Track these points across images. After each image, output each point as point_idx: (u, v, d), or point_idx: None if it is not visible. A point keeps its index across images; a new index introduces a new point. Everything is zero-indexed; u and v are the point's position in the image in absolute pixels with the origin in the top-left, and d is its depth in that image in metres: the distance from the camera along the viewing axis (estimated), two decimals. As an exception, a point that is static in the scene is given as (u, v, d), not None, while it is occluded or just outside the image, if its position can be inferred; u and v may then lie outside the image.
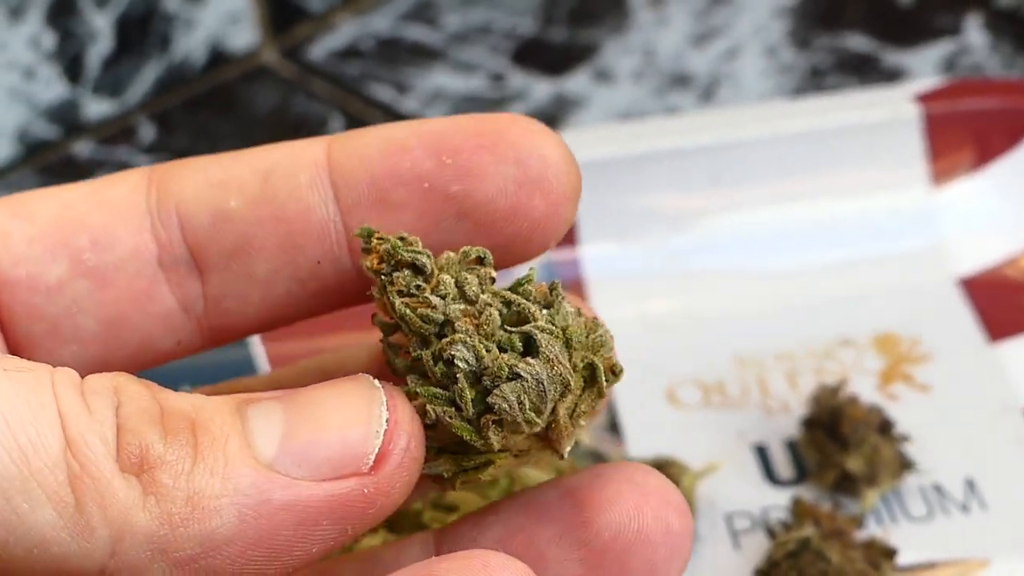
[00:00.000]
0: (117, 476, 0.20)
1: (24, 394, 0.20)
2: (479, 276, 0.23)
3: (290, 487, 0.20)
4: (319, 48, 0.61)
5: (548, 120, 0.55)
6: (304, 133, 0.57)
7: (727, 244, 0.46)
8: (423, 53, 0.60)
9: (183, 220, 0.25)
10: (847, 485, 0.39)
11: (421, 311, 0.22)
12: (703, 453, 0.40)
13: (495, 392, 0.22)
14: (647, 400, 0.42)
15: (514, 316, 0.23)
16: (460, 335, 0.22)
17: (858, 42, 0.58)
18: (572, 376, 0.22)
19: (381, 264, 0.23)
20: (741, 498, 0.39)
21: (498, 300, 0.23)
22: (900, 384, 0.42)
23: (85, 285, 0.25)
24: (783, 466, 0.40)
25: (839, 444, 0.39)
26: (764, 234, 0.46)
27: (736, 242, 0.46)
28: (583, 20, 0.61)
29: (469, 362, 0.22)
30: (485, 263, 0.23)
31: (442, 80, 0.58)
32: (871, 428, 0.39)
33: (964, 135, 0.46)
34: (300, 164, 0.25)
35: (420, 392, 0.22)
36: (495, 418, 0.22)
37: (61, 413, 0.20)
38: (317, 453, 0.21)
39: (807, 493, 0.39)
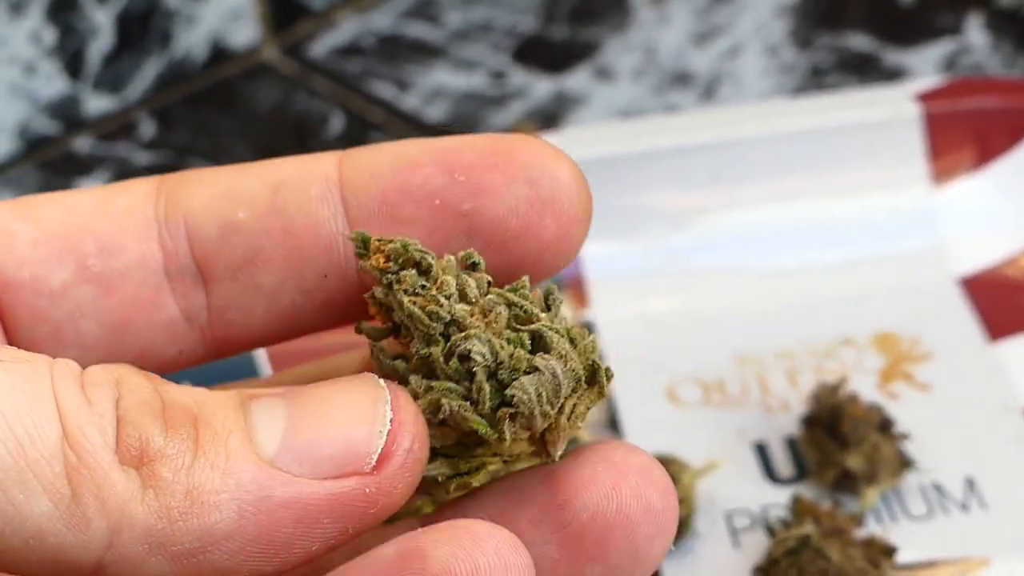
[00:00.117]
0: (116, 468, 0.20)
1: (21, 384, 0.20)
2: (476, 280, 0.23)
3: (291, 484, 0.20)
4: (320, 45, 0.61)
5: (548, 118, 0.56)
6: (305, 130, 0.57)
7: (727, 242, 0.46)
8: (424, 50, 0.60)
9: (191, 230, 0.25)
10: (847, 483, 0.39)
11: (430, 309, 0.22)
12: (703, 451, 0.40)
13: (514, 384, 0.22)
14: (647, 398, 0.42)
15: (517, 317, 0.23)
16: (474, 331, 0.22)
17: (859, 41, 0.58)
18: (583, 372, 0.23)
19: (388, 263, 0.23)
20: (741, 496, 0.39)
21: (501, 301, 0.23)
22: (900, 383, 0.42)
23: (89, 290, 0.25)
24: (783, 464, 0.40)
25: (839, 442, 0.39)
26: (764, 233, 0.46)
27: (736, 241, 0.46)
28: (584, 18, 0.61)
29: (485, 356, 0.22)
30: (478, 269, 0.23)
31: (443, 78, 0.58)
32: (871, 427, 0.39)
33: (965, 134, 0.46)
34: (311, 178, 0.24)
35: (435, 387, 0.22)
36: (512, 411, 0.22)
37: (59, 404, 0.20)
38: (319, 451, 0.21)
39: (807, 491, 0.39)
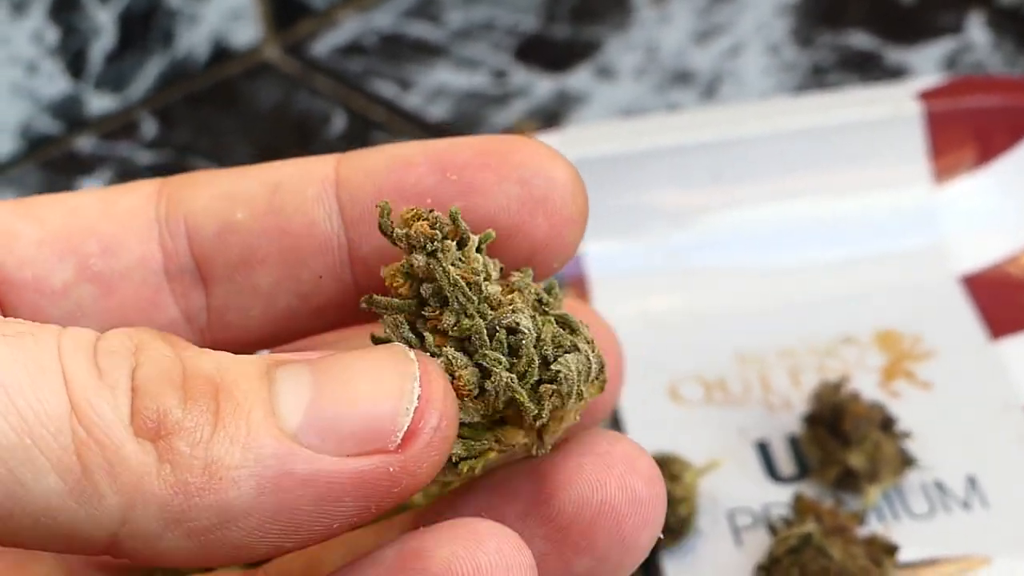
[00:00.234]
0: (129, 441, 0.19)
1: (24, 359, 0.19)
2: (494, 262, 0.23)
3: (312, 461, 0.20)
4: (322, 44, 0.61)
5: (550, 117, 0.56)
6: (307, 130, 0.57)
7: (729, 241, 0.46)
8: (426, 50, 0.60)
9: (190, 231, 0.25)
10: (849, 482, 0.39)
11: (475, 281, 0.22)
12: (705, 450, 0.40)
13: (559, 360, 0.22)
14: (649, 397, 0.42)
15: (539, 300, 0.23)
16: (520, 305, 0.22)
17: (860, 40, 0.58)
18: (597, 363, 0.23)
19: (434, 230, 0.22)
20: (743, 494, 0.39)
21: (524, 284, 0.23)
22: (902, 381, 0.42)
23: (90, 290, 0.25)
24: (785, 463, 0.40)
25: (841, 441, 0.39)
26: (766, 231, 0.46)
27: (738, 239, 0.46)
28: (585, 17, 0.61)
29: (531, 331, 0.22)
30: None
31: (445, 77, 0.58)
32: (873, 425, 0.39)
33: (966, 133, 0.46)
34: (308, 178, 0.24)
35: (487, 356, 0.22)
36: (554, 388, 0.22)
37: (66, 376, 0.19)
38: (343, 426, 0.20)
39: (809, 489, 0.39)
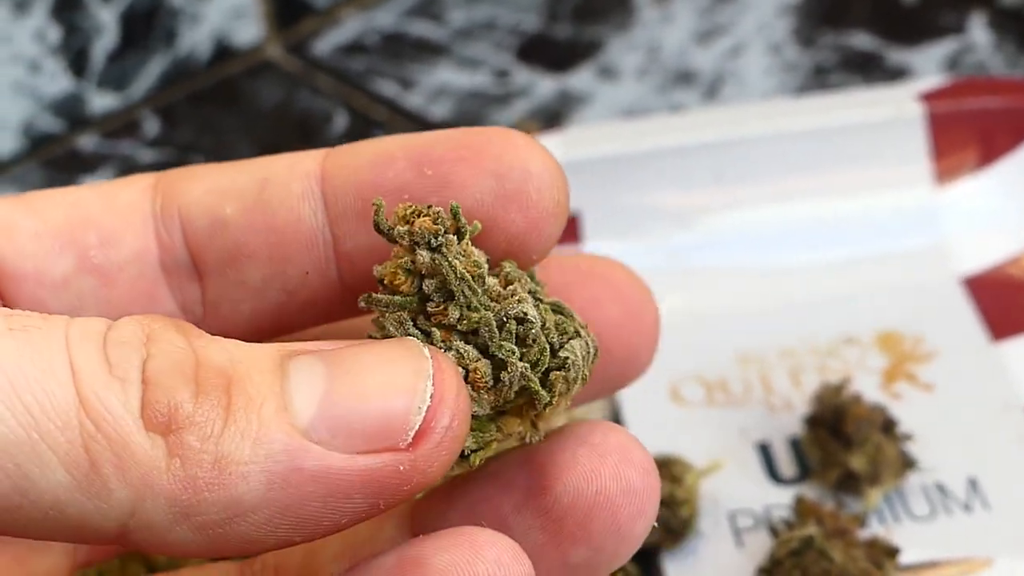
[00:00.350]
0: (138, 435, 0.19)
1: (30, 352, 0.19)
2: (480, 253, 0.23)
3: (323, 458, 0.19)
4: (324, 43, 0.61)
5: (552, 117, 0.56)
6: (308, 128, 0.57)
7: (730, 241, 0.46)
8: (428, 49, 0.60)
9: (185, 224, 0.25)
10: (850, 484, 0.39)
11: (479, 273, 0.22)
12: (706, 451, 0.40)
13: (566, 347, 0.22)
14: (650, 397, 0.42)
15: (532, 290, 0.23)
16: (524, 295, 0.22)
17: (862, 40, 0.58)
18: (597, 342, 0.23)
19: (437, 225, 0.22)
20: (744, 496, 0.39)
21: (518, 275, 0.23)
22: (903, 383, 0.42)
23: (90, 282, 0.25)
24: (786, 464, 0.40)
25: (842, 443, 0.39)
26: (767, 232, 0.46)
27: (739, 240, 0.46)
28: (587, 17, 0.61)
29: (537, 320, 0.22)
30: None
31: (447, 76, 0.58)
32: (874, 427, 0.39)
33: (968, 134, 0.46)
34: (295, 174, 0.25)
35: (504, 345, 0.22)
36: (563, 375, 0.22)
37: (74, 369, 0.19)
38: (355, 423, 0.20)
39: (810, 491, 0.39)
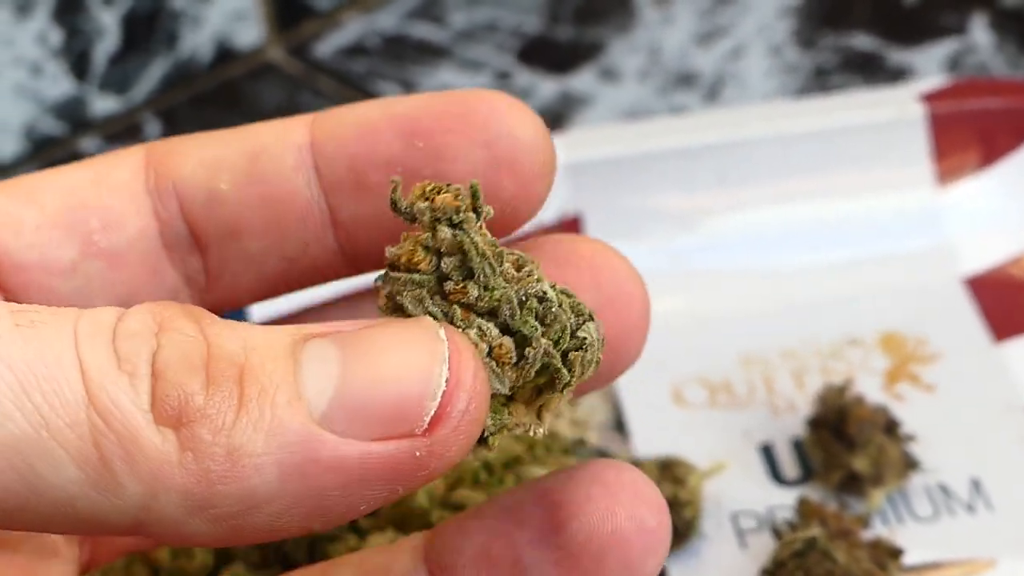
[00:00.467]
0: (148, 429, 0.19)
1: (39, 349, 0.19)
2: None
3: (338, 446, 0.19)
4: (325, 45, 0.61)
5: (554, 118, 0.56)
6: (310, 131, 0.57)
7: (732, 243, 0.46)
8: (429, 51, 0.60)
9: (181, 199, 0.25)
10: (853, 485, 0.39)
11: (499, 251, 0.22)
12: (709, 452, 0.40)
13: (584, 327, 0.22)
14: (653, 399, 0.42)
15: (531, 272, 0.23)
16: (539, 275, 0.22)
17: (863, 41, 0.58)
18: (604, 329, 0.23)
19: (458, 201, 0.22)
20: (747, 498, 0.39)
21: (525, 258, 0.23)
22: (906, 384, 0.42)
23: (97, 265, 0.25)
24: (789, 466, 0.40)
25: (845, 444, 0.39)
26: (769, 233, 0.46)
27: (741, 241, 0.46)
28: (589, 19, 0.61)
29: (555, 299, 0.22)
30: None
31: (448, 78, 0.58)
32: (877, 428, 0.39)
33: (969, 135, 0.46)
34: (286, 146, 0.25)
35: (528, 320, 0.21)
36: (581, 354, 0.22)
37: (83, 365, 0.19)
38: (370, 409, 0.19)
39: (813, 493, 0.39)
